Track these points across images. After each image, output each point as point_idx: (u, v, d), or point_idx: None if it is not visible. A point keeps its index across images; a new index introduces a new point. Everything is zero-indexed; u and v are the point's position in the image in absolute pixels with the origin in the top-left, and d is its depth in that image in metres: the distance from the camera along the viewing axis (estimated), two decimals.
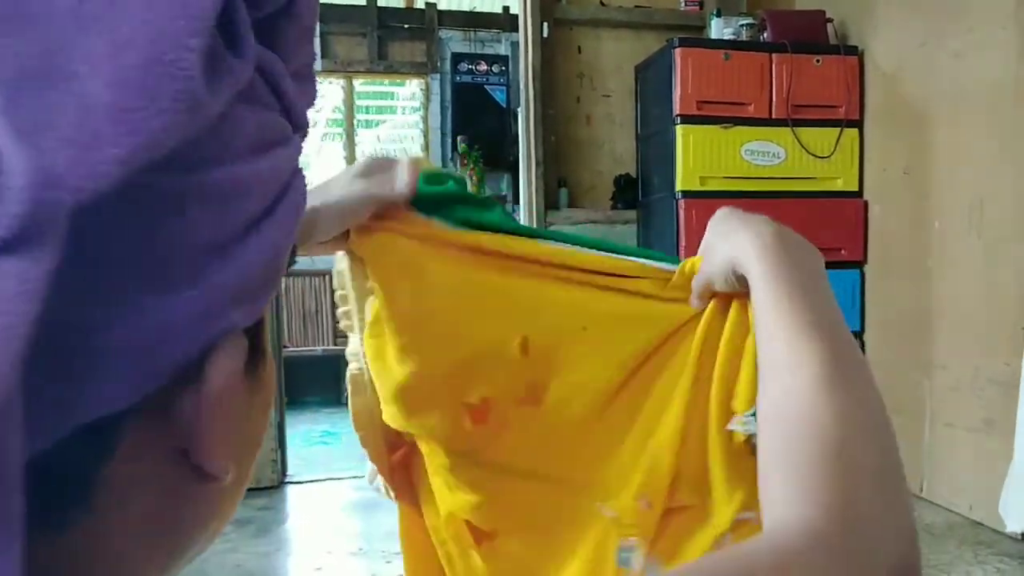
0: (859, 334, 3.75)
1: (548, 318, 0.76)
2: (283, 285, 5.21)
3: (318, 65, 6.18)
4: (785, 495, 0.48)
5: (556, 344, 0.76)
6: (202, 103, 0.24)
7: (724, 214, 0.70)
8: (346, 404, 0.81)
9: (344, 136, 6.40)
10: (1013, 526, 2.81)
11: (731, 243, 0.65)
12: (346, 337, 0.81)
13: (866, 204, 3.73)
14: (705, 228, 0.76)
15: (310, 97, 0.34)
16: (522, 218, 4.21)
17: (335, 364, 5.55)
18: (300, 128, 0.32)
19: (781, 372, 0.54)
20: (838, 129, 3.68)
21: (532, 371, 0.77)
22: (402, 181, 0.73)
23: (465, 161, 6.12)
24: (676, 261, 0.76)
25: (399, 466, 0.82)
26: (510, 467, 0.79)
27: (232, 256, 0.28)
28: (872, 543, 0.44)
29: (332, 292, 0.81)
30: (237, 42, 0.27)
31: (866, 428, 0.51)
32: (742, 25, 3.77)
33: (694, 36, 4.05)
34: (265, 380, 0.35)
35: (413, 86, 6.58)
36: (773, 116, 3.62)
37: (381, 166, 0.74)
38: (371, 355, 0.77)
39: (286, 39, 0.31)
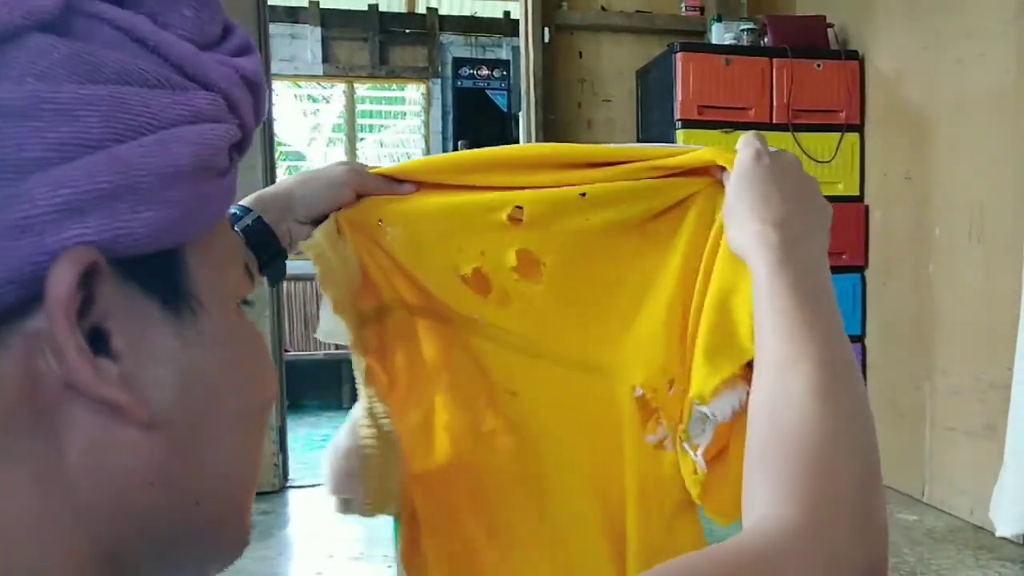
0: (860, 338, 3.75)
1: (545, 187, 0.76)
2: (284, 289, 5.20)
3: (319, 70, 6.20)
4: (767, 494, 0.49)
5: (552, 212, 0.76)
6: None
7: (748, 177, 0.67)
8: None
9: (346, 141, 6.41)
10: (1003, 530, 2.80)
11: (741, 232, 0.65)
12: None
13: (867, 209, 3.74)
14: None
15: (241, 68, 0.36)
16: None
17: (336, 368, 5.55)
18: (208, 86, 0.34)
19: (776, 370, 0.55)
20: (839, 134, 3.68)
21: (523, 239, 0.76)
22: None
23: None
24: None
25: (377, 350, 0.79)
26: (529, 348, 0.79)
27: (43, 175, 0.29)
28: (848, 543, 0.46)
29: None
30: None
31: (851, 433, 0.52)
32: (743, 30, 3.77)
33: (695, 41, 4.05)
34: (213, 329, 0.35)
35: (415, 91, 6.59)
36: (774, 121, 3.63)
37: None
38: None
39: (149, 2, 0.33)
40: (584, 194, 0.75)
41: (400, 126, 6.62)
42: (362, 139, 6.47)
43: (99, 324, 0.31)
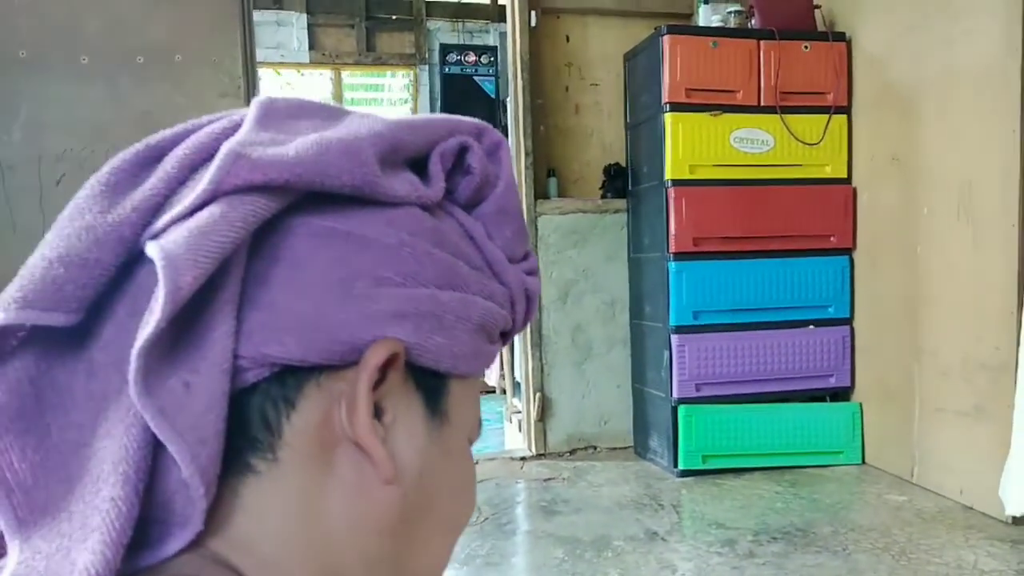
0: (848, 321, 3.76)
1: None
2: None
3: (305, 57, 6.16)
4: None
5: None
6: (369, 170, 0.40)
7: None
8: None
9: None
10: (1012, 510, 2.81)
11: None
12: None
13: (855, 191, 3.73)
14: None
15: (528, 283, 0.50)
16: None
17: None
18: (504, 283, 0.47)
19: None
20: (827, 116, 3.67)
21: None
22: None
23: None
24: None
25: None
26: None
27: (389, 290, 0.40)
28: None
29: None
30: (424, 176, 0.45)
31: None
32: (730, 12, 3.75)
33: (682, 23, 4.04)
34: (450, 444, 0.46)
35: (402, 77, 6.55)
36: (762, 103, 3.62)
37: None
38: None
39: (484, 215, 0.47)
40: None
41: (387, 113, 6.58)
42: None
43: (381, 401, 0.41)
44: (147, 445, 0.36)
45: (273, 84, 6.23)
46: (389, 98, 6.62)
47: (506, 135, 4.46)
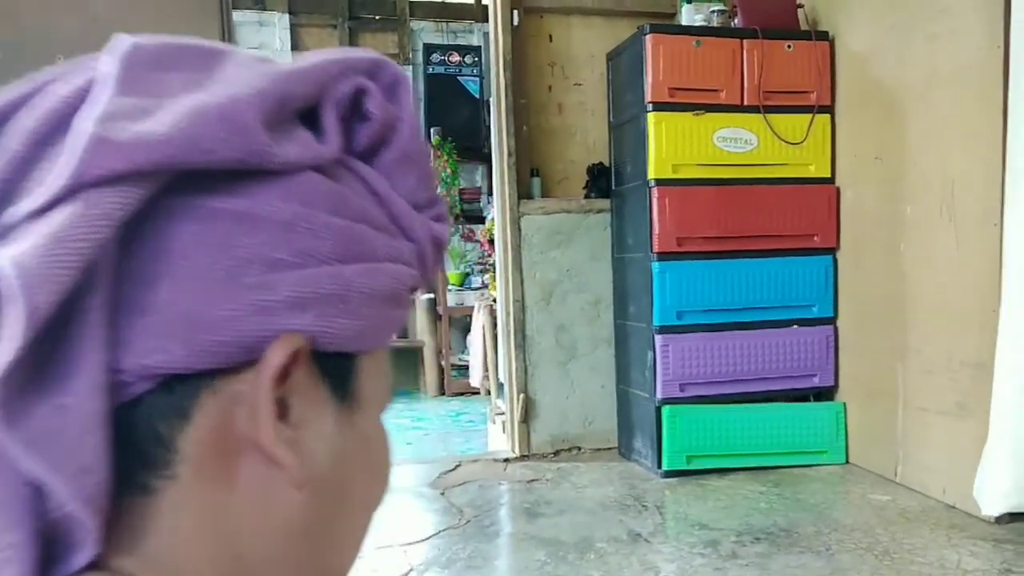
0: (832, 320, 3.76)
1: None
2: None
3: (288, 57, 6.12)
4: None
5: None
6: (254, 139, 0.35)
7: None
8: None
9: None
10: (988, 510, 2.81)
11: None
12: None
13: (838, 190, 3.73)
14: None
15: (436, 232, 0.46)
16: (496, 209, 4.17)
17: None
18: (411, 239, 0.43)
19: None
20: (810, 115, 3.67)
21: None
22: None
23: (439, 153, 6.07)
24: None
25: None
26: None
27: (286, 274, 0.36)
28: None
29: None
30: (319, 131, 0.39)
31: None
32: (713, 11, 3.75)
33: (665, 22, 4.02)
34: (362, 426, 0.42)
35: None
36: (745, 103, 3.61)
37: None
38: None
39: (386, 165, 0.43)
40: None
41: None
42: None
43: (285, 397, 0.37)
44: (34, 479, 0.33)
45: None
46: None
47: (490, 135, 4.45)
